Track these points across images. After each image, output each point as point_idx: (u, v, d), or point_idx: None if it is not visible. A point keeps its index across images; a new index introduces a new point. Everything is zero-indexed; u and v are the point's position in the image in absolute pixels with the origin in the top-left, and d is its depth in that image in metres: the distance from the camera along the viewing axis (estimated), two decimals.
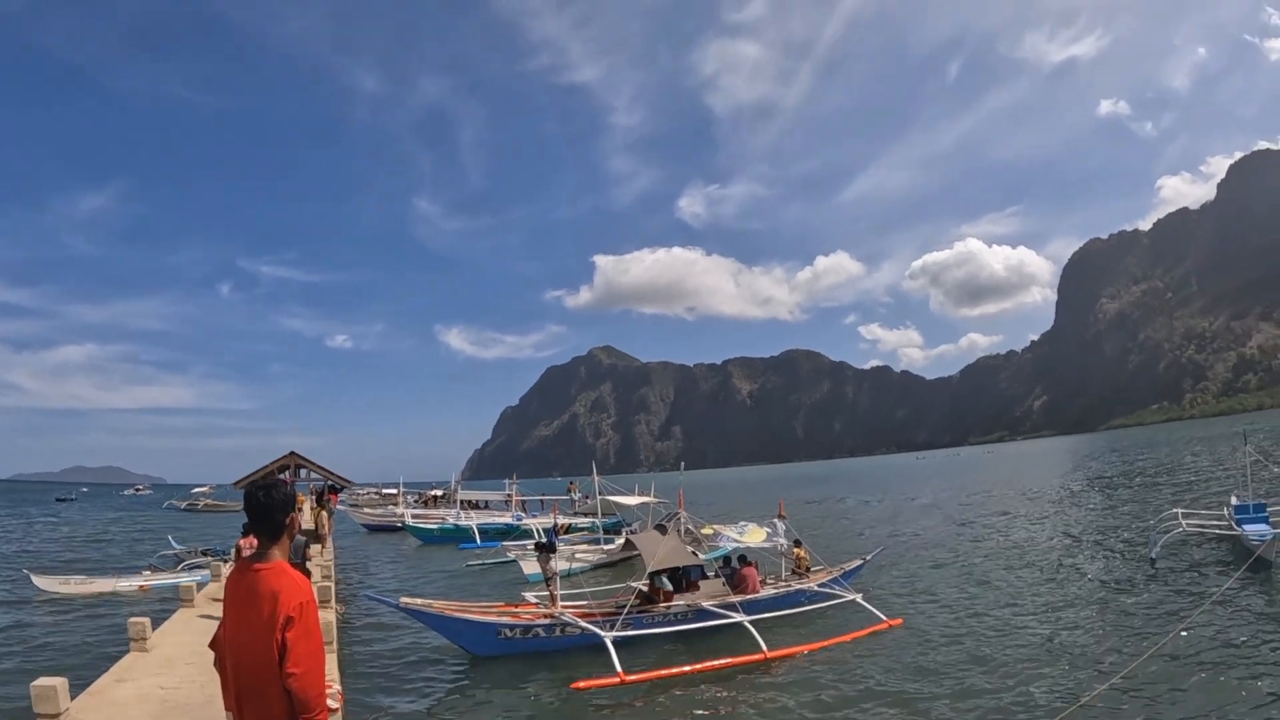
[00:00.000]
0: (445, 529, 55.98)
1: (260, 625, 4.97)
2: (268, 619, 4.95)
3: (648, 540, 24.53)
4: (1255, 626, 18.43)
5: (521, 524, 53.34)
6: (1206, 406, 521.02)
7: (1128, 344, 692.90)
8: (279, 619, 4.93)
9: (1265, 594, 21.48)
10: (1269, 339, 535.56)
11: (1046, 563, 30.25)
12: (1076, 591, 24.59)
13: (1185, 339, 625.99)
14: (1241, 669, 15.65)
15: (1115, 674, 15.62)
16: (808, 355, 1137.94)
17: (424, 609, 20.24)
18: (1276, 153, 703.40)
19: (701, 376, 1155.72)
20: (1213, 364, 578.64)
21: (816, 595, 24.38)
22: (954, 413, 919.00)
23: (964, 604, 24.22)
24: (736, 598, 22.47)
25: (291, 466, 49.11)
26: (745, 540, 26.26)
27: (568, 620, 20.69)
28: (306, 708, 4.93)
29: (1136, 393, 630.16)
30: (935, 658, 18.60)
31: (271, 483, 5.55)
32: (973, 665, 17.79)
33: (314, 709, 4.97)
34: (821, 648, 19.96)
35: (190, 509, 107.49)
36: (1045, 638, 19.39)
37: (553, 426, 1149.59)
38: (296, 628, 4.95)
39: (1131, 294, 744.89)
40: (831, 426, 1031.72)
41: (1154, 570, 26.22)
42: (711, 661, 18.64)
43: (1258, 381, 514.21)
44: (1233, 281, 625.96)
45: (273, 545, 5.30)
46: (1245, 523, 26.94)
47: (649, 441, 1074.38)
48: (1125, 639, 18.57)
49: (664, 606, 21.99)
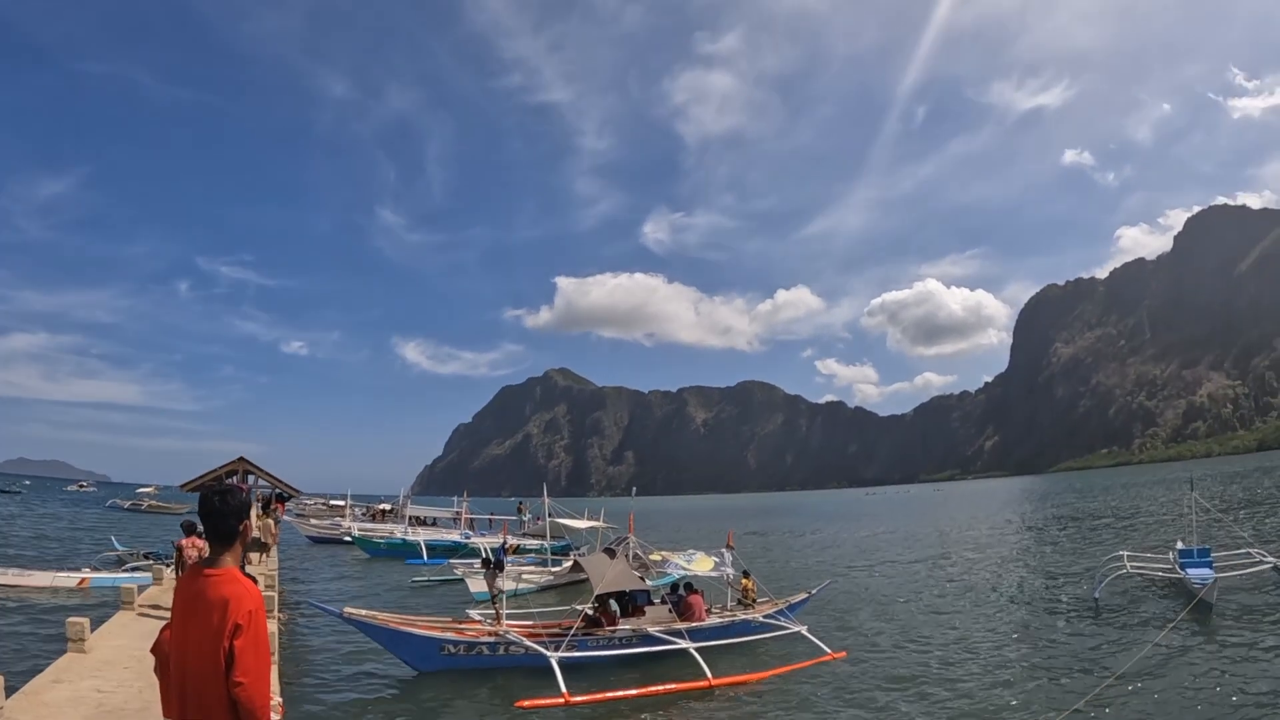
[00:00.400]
0: (393, 543, 55.40)
1: (209, 632, 4.92)
2: (216, 626, 4.90)
3: (595, 563, 24.52)
4: (1197, 667, 18.72)
5: (470, 542, 53.05)
6: (1155, 452, 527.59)
7: (1080, 388, 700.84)
8: (228, 626, 4.88)
9: (1205, 636, 21.81)
10: (1219, 388, 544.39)
11: (992, 601, 30.56)
12: (1021, 630, 24.85)
13: (1137, 385, 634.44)
14: (1184, 708, 15.96)
15: (1059, 712, 15.81)
16: (763, 387, 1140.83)
17: (368, 620, 20.06)
18: (1233, 208, 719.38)
19: (657, 403, 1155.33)
20: (1163, 410, 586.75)
21: (762, 626, 24.43)
22: (905, 450, 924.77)
23: (908, 639, 24.38)
24: (683, 625, 22.48)
25: (240, 472, 48.64)
26: (693, 568, 26.27)
27: (513, 639, 20.60)
28: (252, 717, 4.90)
29: (1087, 436, 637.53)
30: (877, 691, 18.73)
31: (227, 488, 5.50)
32: (915, 701, 17.92)
33: (259, 719, 4.94)
34: (766, 677, 20.05)
35: (134, 509, 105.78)
36: (988, 676, 19.56)
37: (505, 446, 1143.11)
38: (245, 636, 4.91)
39: (1086, 340, 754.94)
40: (784, 459, 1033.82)
41: (1097, 610, 26.58)
42: (657, 686, 18.64)
43: (1206, 429, 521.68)
44: (1185, 331, 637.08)
45: (225, 551, 5.25)
46: (1189, 566, 27.42)
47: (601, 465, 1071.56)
48: (1069, 678, 18.78)
49: (610, 630, 21.97)
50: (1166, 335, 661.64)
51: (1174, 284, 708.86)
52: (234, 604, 4.94)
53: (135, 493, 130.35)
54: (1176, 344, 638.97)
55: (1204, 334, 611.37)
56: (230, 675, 4.86)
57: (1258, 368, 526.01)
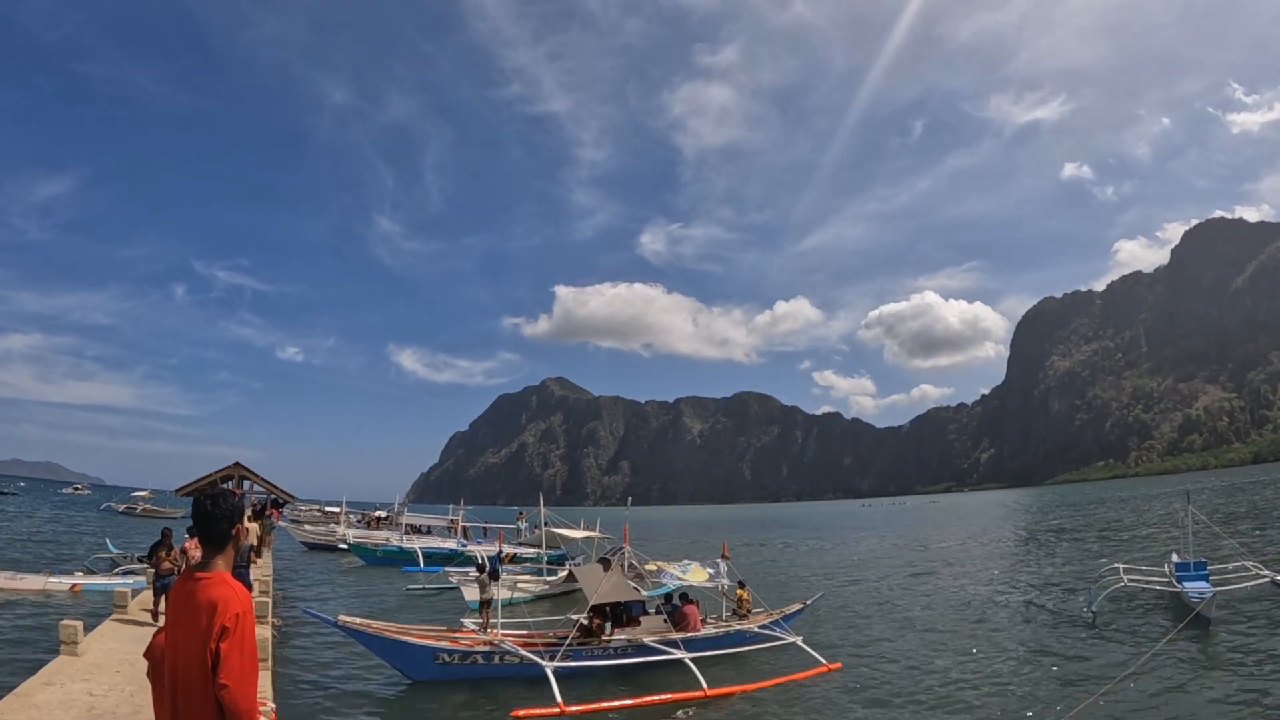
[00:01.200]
0: (389, 551, 55.36)
1: (196, 633, 4.90)
2: (204, 628, 4.88)
3: (590, 574, 24.53)
4: (1193, 680, 18.71)
5: (466, 550, 52.97)
6: (1151, 465, 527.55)
7: (1076, 401, 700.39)
8: (214, 628, 4.86)
9: (1202, 648, 21.81)
10: (1215, 401, 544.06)
11: (987, 613, 30.52)
12: (1017, 642, 24.80)
13: (1133, 399, 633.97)
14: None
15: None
16: (759, 398, 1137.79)
17: (362, 629, 20.01)
18: (1230, 221, 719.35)
19: (652, 413, 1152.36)
20: (1159, 424, 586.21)
21: (757, 636, 24.45)
22: (901, 462, 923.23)
23: (904, 650, 24.37)
24: (678, 635, 22.50)
25: (235, 477, 48.55)
26: (688, 579, 26.23)
27: (508, 649, 20.56)
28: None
29: (1083, 449, 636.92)
30: (872, 703, 18.70)
31: (220, 492, 5.50)
32: (910, 712, 17.90)
33: None
34: (761, 688, 20.01)
35: (129, 513, 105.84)
36: (984, 687, 19.54)
37: (501, 454, 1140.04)
38: (231, 639, 4.88)
39: (1082, 352, 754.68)
40: (779, 470, 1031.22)
41: (1093, 622, 26.53)
42: (652, 696, 18.64)
43: (1202, 442, 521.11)
44: (1181, 344, 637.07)
45: (217, 555, 5.24)
46: (1186, 580, 27.32)
47: (596, 475, 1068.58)
48: (1064, 689, 18.77)
49: (605, 640, 21.94)
50: (1163, 348, 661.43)
51: (1171, 297, 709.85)
52: (221, 606, 4.91)
53: (130, 496, 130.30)
54: (1173, 357, 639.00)
55: (1200, 347, 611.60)
56: (215, 677, 4.82)
57: (1253, 381, 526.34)
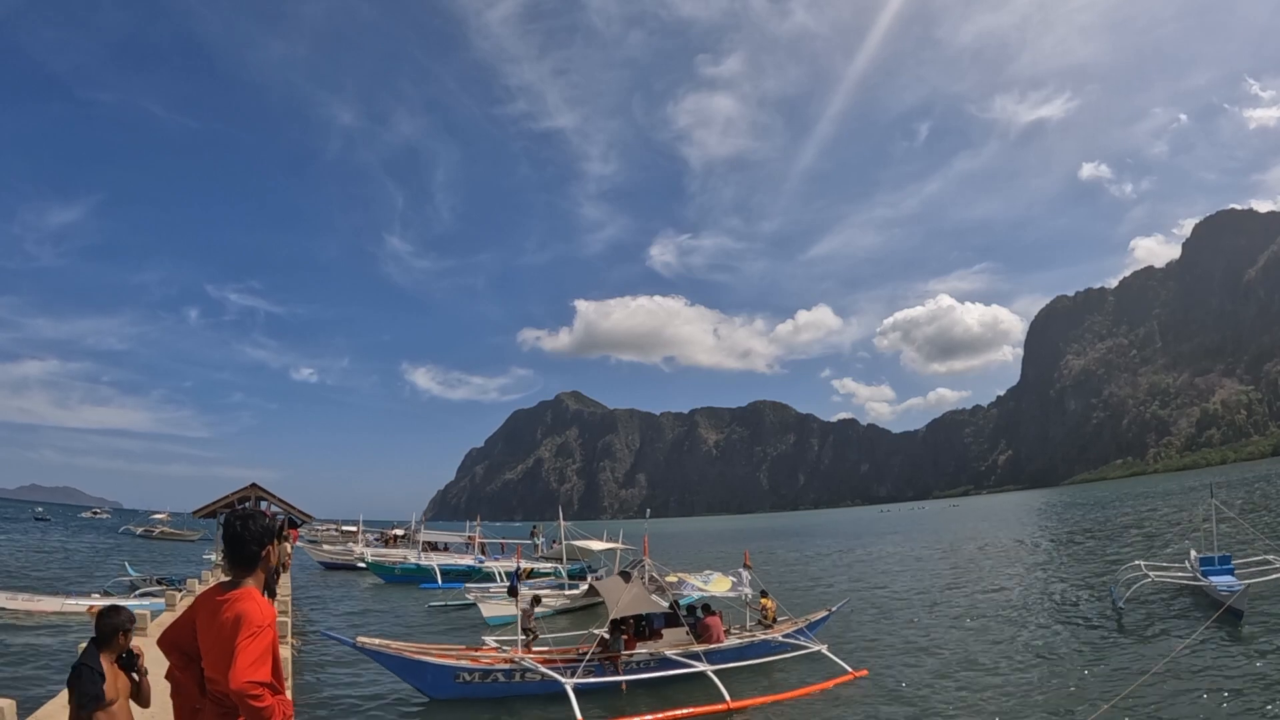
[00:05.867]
0: (407, 569, 55.29)
1: (223, 645, 4.95)
2: (228, 638, 4.91)
3: (611, 587, 24.29)
4: (1229, 673, 18.49)
5: (483, 566, 52.86)
6: (1170, 461, 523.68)
7: (1092, 399, 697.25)
8: (238, 638, 4.88)
9: (1238, 643, 21.56)
10: (1232, 394, 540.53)
11: (1013, 614, 30.19)
12: (1044, 643, 24.49)
13: (1149, 395, 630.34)
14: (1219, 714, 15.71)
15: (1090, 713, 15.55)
16: (774, 407, 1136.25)
17: (381, 649, 19.85)
18: (1241, 213, 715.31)
19: (668, 425, 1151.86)
20: (1176, 419, 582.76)
21: (782, 646, 24.20)
22: (918, 466, 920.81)
23: (930, 655, 24.10)
24: (700, 647, 22.25)
25: (252, 498, 48.34)
26: (710, 589, 26.02)
27: (528, 666, 20.34)
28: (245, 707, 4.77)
29: (1100, 448, 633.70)
30: (901, 710, 18.45)
31: (250, 513, 5.51)
32: (939, 717, 17.62)
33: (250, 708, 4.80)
34: (786, 699, 19.78)
35: (146, 535, 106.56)
36: (1012, 688, 19.29)
37: (517, 470, 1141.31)
38: (251, 638, 4.89)
39: (1097, 350, 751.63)
40: (796, 478, 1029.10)
41: (1120, 620, 26.30)
42: (674, 711, 18.46)
43: (1220, 436, 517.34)
44: (1196, 338, 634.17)
45: (246, 576, 5.27)
46: (1211, 574, 27.33)
47: (613, 489, 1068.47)
48: (1096, 688, 18.51)
49: (627, 654, 21.71)
50: (1178, 343, 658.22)
51: (1184, 291, 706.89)
52: (245, 619, 4.94)
53: (148, 519, 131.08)
54: (1188, 352, 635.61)
55: (1215, 341, 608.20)
56: (230, 670, 4.80)
57: (1271, 373, 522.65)
